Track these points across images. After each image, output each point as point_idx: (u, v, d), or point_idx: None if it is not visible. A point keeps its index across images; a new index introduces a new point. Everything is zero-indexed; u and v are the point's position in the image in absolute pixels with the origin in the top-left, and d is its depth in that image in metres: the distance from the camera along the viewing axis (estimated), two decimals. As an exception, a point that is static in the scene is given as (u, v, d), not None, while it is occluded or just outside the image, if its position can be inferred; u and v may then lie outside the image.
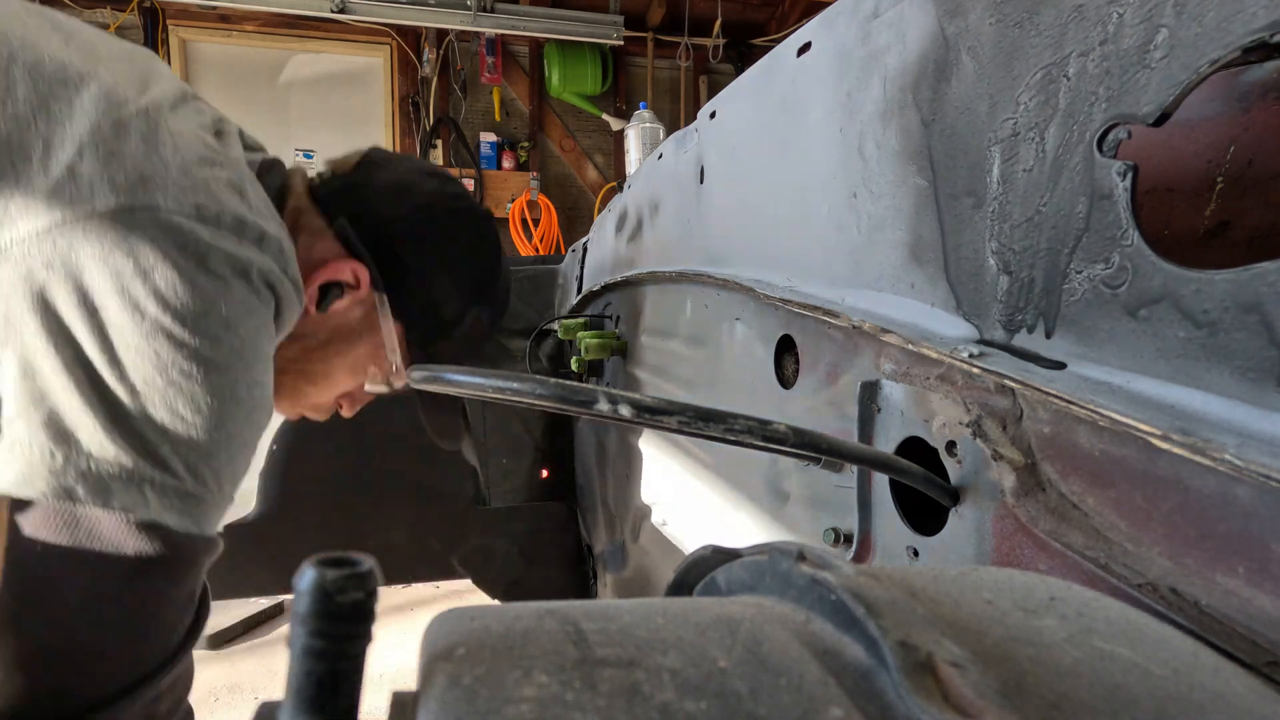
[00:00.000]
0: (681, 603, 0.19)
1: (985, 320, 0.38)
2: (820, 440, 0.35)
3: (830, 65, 0.51)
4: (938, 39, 0.40)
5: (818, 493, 0.53)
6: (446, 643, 0.16)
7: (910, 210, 0.43)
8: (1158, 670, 0.17)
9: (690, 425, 0.32)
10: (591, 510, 1.41)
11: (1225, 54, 0.26)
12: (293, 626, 0.14)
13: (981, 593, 0.20)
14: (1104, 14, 0.30)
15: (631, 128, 2.24)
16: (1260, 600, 0.25)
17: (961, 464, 0.38)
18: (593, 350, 1.17)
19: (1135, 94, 0.29)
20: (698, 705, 0.14)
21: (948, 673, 0.14)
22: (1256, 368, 0.25)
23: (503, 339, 1.77)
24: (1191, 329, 0.27)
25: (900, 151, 0.44)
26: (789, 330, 0.59)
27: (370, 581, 0.14)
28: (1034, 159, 0.34)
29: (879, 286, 0.47)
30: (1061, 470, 0.33)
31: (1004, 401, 0.36)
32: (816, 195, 0.54)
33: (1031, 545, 0.34)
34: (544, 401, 0.33)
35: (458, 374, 0.36)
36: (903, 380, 0.43)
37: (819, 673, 0.15)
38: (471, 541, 1.55)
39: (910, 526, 0.43)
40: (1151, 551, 0.29)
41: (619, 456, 1.17)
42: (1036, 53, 0.34)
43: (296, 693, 0.13)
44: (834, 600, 0.17)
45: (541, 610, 0.18)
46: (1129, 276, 0.30)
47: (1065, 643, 0.18)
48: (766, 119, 0.62)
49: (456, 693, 0.14)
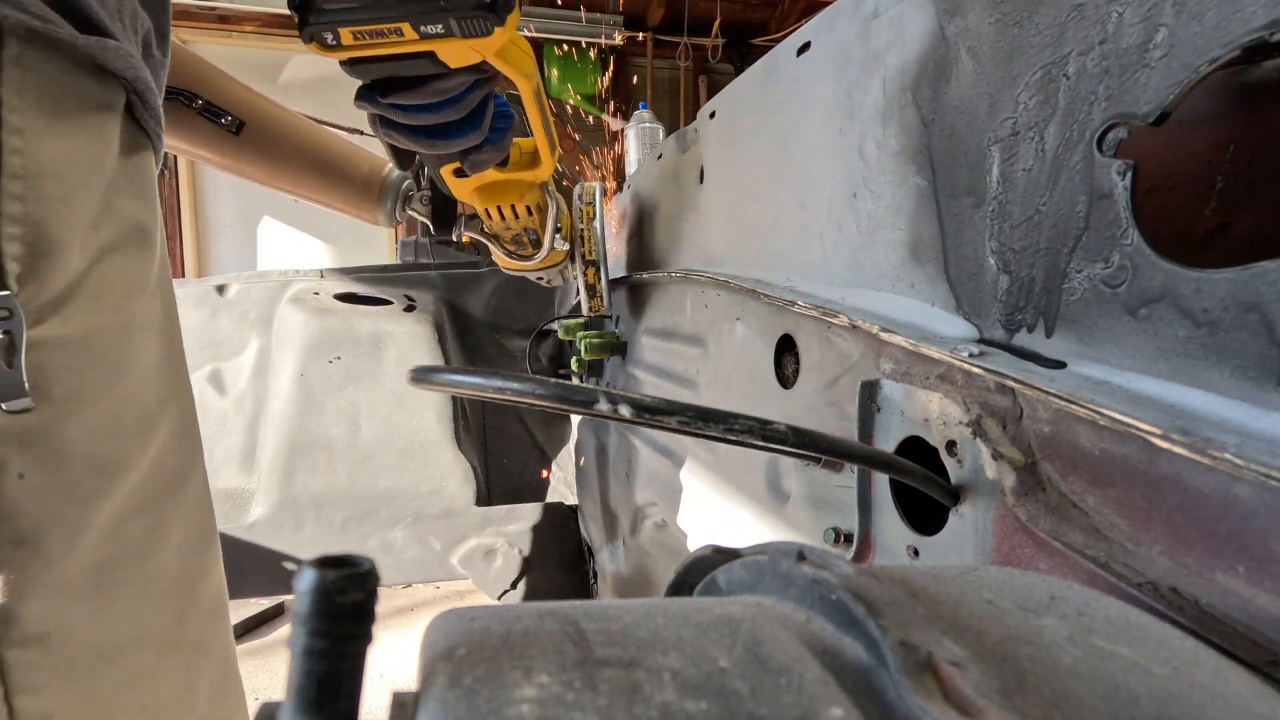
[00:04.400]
0: (682, 603, 0.19)
1: (985, 319, 0.38)
2: (820, 440, 0.34)
3: (830, 65, 0.51)
4: (937, 38, 0.40)
5: (818, 492, 0.53)
6: (446, 643, 0.16)
7: (910, 210, 0.43)
8: (1158, 669, 0.17)
9: (690, 425, 0.32)
10: (592, 510, 1.41)
11: (1225, 53, 0.26)
12: (293, 627, 0.14)
13: (982, 592, 0.20)
14: (1103, 13, 0.30)
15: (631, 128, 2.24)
16: (1261, 599, 0.25)
17: (961, 463, 0.38)
18: (593, 350, 1.17)
19: (1135, 93, 0.29)
20: (698, 705, 0.14)
21: (948, 672, 0.14)
22: (1257, 367, 0.25)
23: (503, 339, 1.77)
24: (1191, 328, 0.27)
25: (900, 151, 0.44)
26: (789, 330, 0.59)
27: (370, 582, 0.14)
28: (1033, 158, 0.34)
29: (879, 286, 0.47)
30: (1061, 469, 0.33)
31: (1004, 401, 0.36)
32: (816, 195, 0.54)
33: (1031, 544, 0.34)
34: (544, 401, 0.33)
35: (458, 374, 0.36)
36: (903, 380, 0.43)
37: (819, 672, 0.15)
38: (471, 541, 1.55)
39: (910, 526, 0.43)
40: (1152, 551, 0.29)
41: (619, 456, 1.17)
42: (1036, 52, 0.34)
43: (297, 693, 0.13)
44: (834, 600, 0.17)
45: (542, 610, 0.18)
46: (1129, 276, 0.30)
47: (1065, 642, 0.18)
48: (766, 119, 0.62)
49: (456, 693, 0.14)
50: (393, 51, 0.47)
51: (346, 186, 0.84)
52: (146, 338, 0.49)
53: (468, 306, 1.75)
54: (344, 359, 1.57)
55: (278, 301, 1.64)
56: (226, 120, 0.74)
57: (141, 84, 0.46)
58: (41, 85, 0.40)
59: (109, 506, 0.45)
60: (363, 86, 0.51)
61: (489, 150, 0.62)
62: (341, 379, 1.56)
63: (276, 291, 1.65)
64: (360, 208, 0.85)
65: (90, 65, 0.43)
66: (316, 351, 1.56)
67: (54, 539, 0.41)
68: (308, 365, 1.55)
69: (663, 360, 0.95)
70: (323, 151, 0.82)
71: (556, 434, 1.81)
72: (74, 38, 0.40)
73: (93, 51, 0.42)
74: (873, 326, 0.44)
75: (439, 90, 0.51)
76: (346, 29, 0.45)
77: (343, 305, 1.62)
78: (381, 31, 0.45)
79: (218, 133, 0.74)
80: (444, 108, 0.53)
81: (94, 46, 0.41)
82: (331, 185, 0.83)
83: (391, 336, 1.59)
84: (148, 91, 0.47)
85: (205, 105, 0.72)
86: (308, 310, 1.59)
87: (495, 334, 1.77)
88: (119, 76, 0.45)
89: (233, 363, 1.64)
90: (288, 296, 1.63)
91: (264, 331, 1.64)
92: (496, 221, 0.83)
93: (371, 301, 1.67)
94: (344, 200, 0.85)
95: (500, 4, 0.45)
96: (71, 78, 0.41)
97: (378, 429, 1.55)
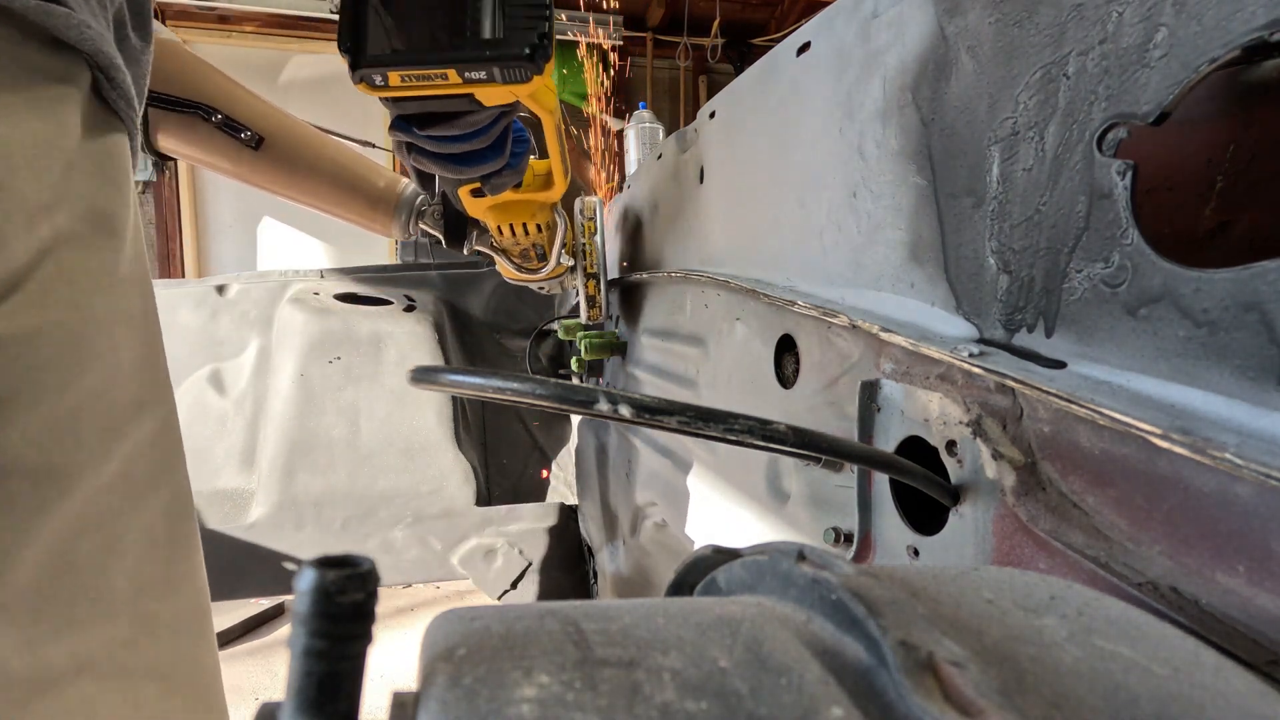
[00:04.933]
0: (682, 603, 0.19)
1: (985, 319, 0.38)
2: (820, 440, 0.34)
3: (830, 65, 0.51)
4: (937, 38, 0.40)
5: (818, 492, 0.53)
6: (447, 643, 0.16)
7: (910, 210, 0.43)
8: (1158, 669, 0.17)
9: (690, 425, 0.32)
10: (592, 510, 1.41)
11: (1225, 53, 0.26)
12: (293, 627, 0.14)
13: (982, 592, 0.20)
14: (1103, 13, 0.30)
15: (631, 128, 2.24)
16: (1261, 599, 0.25)
17: (961, 463, 0.38)
18: (593, 350, 1.17)
19: (1135, 93, 0.29)
20: (698, 705, 0.14)
21: (948, 672, 0.14)
22: (1256, 366, 0.25)
23: (503, 339, 1.77)
24: (1191, 328, 0.27)
25: (900, 151, 0.44)
26: (789, 330, 0.59)
27: (370, 582, 0.14)
28: (1033, 158, 0.34)
29: (879, 286, 0.47)
30: (1061, 469, 0.33)
31: (1004, 401, 0.36)
32: (816, 195, 0.54)
33: (1031, 544, 0.34)
34: (544, 401, 0.33)
35: (458, 374, 0.36)
36: (903, 380, 0.43)
37: (819, 672, 0.15)
38: (471, 541, 1.55)
39: (910, 526, 0.43)
40: (1152, 550, 0.29)
41: (619, 456, 1.17)
42: (1036, 52, 0.34)
43: (297, 693, 0.13)
44: (834, 600, 0.17)
45: (542, 610, 0.18)
46: (1129, 275, 0.30)
47: (1066, 642, 0.18)
48: (766, 119, 0.62)
49: (457, 693, 0.14)
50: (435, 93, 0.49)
51: (362, 201, 0.85)
52: (115, 334, 0.45)
53: (468, 306, 1.75)
54: (344, 359, 1.57)
55: (278, 302, 1.64)
56: (246, 135, 0.74)
57: (104, 59, 0.42)
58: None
59: (54, 522, 0.40)
60: (399, 117, 0.54)
61: (508, 174, 0.64)
62: (341, 379, 1.56)
63: (276, 292, 1.65)
64: (375, 221, 0.86)
65: (45, 38, 0.39)
66: (316, 351, 1.56)
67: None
68: (308, 365, 1.55)
69: (663, 360, 0.95)
70: (340, 167, 0.83)
71: (556, 434, 1.81)
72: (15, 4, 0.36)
73: (40, 19, 0.38)
74: (873, 326, 0.44)
75: (470, 124, 0.53)
76: (396, 72, 0.47)
77: (343, 305, 1.62)
78: (429, 76, 0.47)
79: (237, 147, 0.75)
80: (472, 138, 0.55)
81: (40, 13, 0.38)
82: (348, 200, 0.84)
83: (391, 336, 1.59)
84: (113, 69, 0.43)
85: (225, 120, 0.73)
86: (308, 310, 1.59)
87: (495, 334, 1.77)
88: (80, 51, 0.41)
89: (233, 363, 1.64)
90: (288, 297, 1.63)
91: (264, 332, 1.64)
92: (507, 238, 0.86)
93: (371, 301, 1.67)
94: (359, 214, 0.86)
95: (539, 54, 0.47)
96: (20, 49, 0.38)
97: (378, 429, 1.55)
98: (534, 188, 0.77)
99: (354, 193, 0.84)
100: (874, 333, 0.44)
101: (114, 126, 0.46)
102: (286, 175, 0.79)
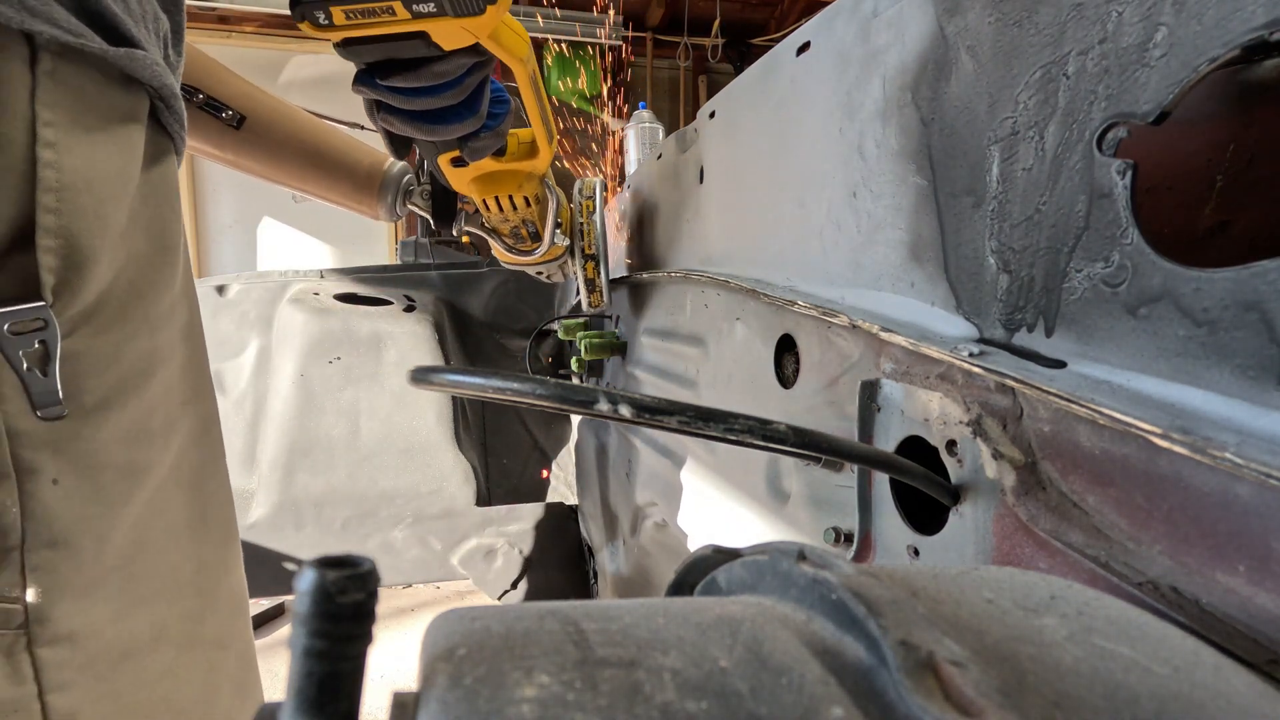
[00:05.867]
0: (682, 603, 0.19)
1: (985, 319, 0.38)
2: (820, 440, 0.34)
3: (829, 65, 0.51)
4: (937, 38, 0.40)
5: (818, 492, 0.53)
6: (447, 643, 0.16)
7: (910, 209, 0.43)
8: (1158, 669, 0.17)
9: (690, 425, 0.32)
10: (592, 510, 1.41)
11: (1225, 52, 0.26)
12: (293, 627, 0.14)
13: (982, 591, 0.20)
14: (1103, 12, 0.30)
15: (631, 128, 2.24)
16: (1261, 598, 0.25)
17: (961, 463, 0.38)
18: (593, 350, 1.17)
19: (1135, 92, 0.29)
20: (699, 705, 0.14)
21: (948, 671, 0.14)
22: (1256, 366, 0.25)
23: (503, 339, 1.77)
24: (1191, 327, 0.27)
25: (900, 151, 0.44)
26: (789, 330, 0.59)
27: (371, 582, 0.14)
28: (1033, 158, 0.34)
29: (879, 286, 0.47)
30: (1062, 469, 0.33)
31: (1004, 400, 0.36)
32: (816, 195, 0.54)
33: (1032, 544, 0.34)
34: (544, 401, 0.33)
35: (458, 374, 0.36)
36: (903, 379, 0.43)
37: (820, 672, 0.15)
38: (471, 541, 1.55)
39: (910, 526, 0.43)
40: (1152, 550, 0.29)
41: (619, 456, 1.17)
42: (1036, 51, 0.34)
43: (297, 694, 0.13)
44: (835, 600, 0.17)
45: (542, 610, 0.18)
46: (1129, 275, 0.30)
47: (1066, 641, 0.18)
48: (766, 119, 0.62)
49: (457, 693, 0.14)
50: (385, 32, 0.47)
51: (347, 180, 0.83)
52: (172, 341, 0.50)
53: (468, 306, 1.75)
54: (344, 359, 1.57)
55: (278, 302, 1.64)
56: (227, 115, 0.74)
57: (167, 91, 0.46)
58: (73, 98, 0.40)
59: (134, 509, 0.46)
60: (360, 71, 0.51)
61: (487, 137, 0.62)
62: (341, 379, 1.56)
63: (276, 292, 1.65)
64: (361, 202, 0.85)
65: (119, 76, 0.43)
66: (316, 352, 1.56)
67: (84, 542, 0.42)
68: (308, 365, 1.55)
69: (663, 360, 0.95)
70: (324, 146, 0.82)
71: (556, 434, 1.81)
72: (104, 50, 0.41)
73: (122, 63, 0.42)
74: (873, 326, 0.44)
75: (437, 73, 0.51)
76: (338, 7, 0.45)
77: (343, 305, 1.62)
78: (373, 10, 0.45)
79: (219, 127, 0.74)
80: (441, 91, 0.53)
81: (123, 58, 0.42)
82: (332, 179, 0.83)
83: (391, 337, 1.59)
84: (172, 97, 0.48)
85: (206, 99, 0.72)
86: (308, 310, 1.59)
87: (495, 334, 1.77)
88: (145, 85, 0.45)
89: (233, 363, 1.64)
90: (288, 297, 1.63)
91: (264, 332, 1.64)
92: (495, 214, 0.83)
93: (371, 302, 1.67)
94: (344, 194, 0.85)
95: None
96: (101, 89, 0.42)
97: (378, 429, 1.55)
98: (517, 156, 0.74)
99: (338, 171, 0.82)
100: (874, 332, 0.44)
101: (167, 148, 0.50)
102: (269, 154, 0.78)
